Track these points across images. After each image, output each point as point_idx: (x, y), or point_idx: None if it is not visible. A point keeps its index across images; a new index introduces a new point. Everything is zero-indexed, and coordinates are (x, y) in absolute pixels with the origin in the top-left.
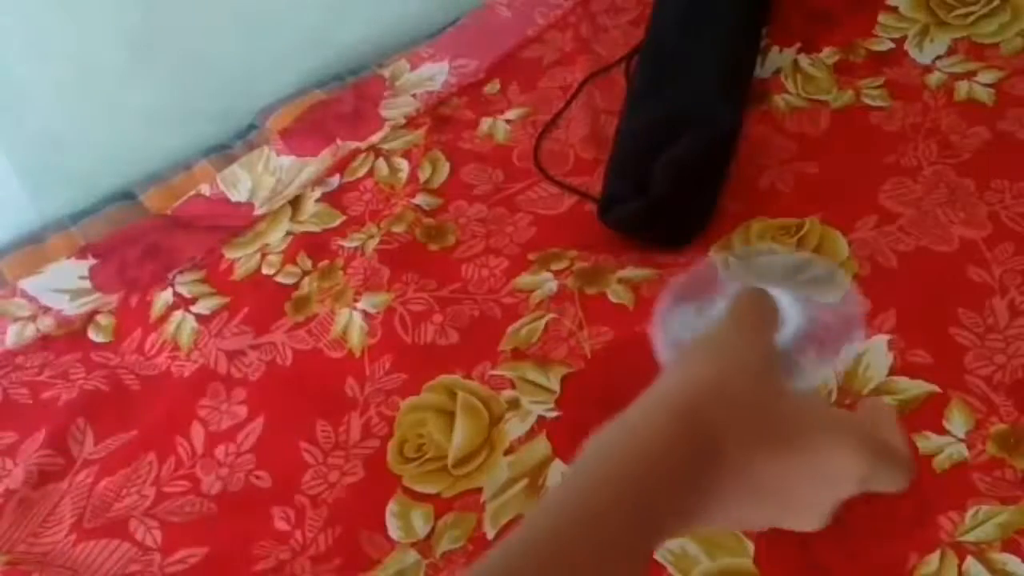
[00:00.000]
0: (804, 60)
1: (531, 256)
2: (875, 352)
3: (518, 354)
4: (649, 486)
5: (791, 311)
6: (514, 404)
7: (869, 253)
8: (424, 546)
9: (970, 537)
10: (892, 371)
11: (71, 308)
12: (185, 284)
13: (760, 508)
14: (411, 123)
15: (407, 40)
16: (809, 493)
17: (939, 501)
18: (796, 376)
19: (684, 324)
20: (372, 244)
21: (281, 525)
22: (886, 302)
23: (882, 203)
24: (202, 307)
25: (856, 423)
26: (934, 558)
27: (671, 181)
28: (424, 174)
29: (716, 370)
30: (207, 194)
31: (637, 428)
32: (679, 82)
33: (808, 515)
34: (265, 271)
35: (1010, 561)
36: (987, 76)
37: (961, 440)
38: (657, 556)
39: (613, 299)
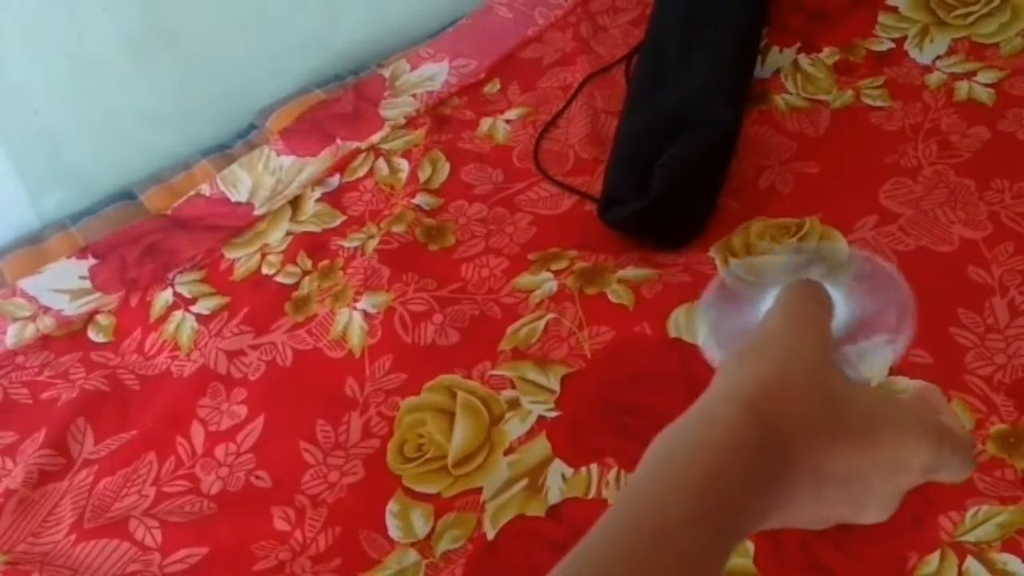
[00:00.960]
0: (804, 60)
1: (531, 256)
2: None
3: (518, 354)
4: (722, 490)
5: (838, 302)
6: (514, 404)
7: (869, 253)
8: (424, 546)
9: (970, 537)
10: (892, 371)
11: (71, 308)
12: (185, 284)
13: (833, 505)
14: (411, 123)
15: (407, 40)
16: (879, 486)
17: (939, 501)
18: (848, 367)
19: (731, 320)
20: (372, 244)
21: (281, 525)
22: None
23: (882, 203)
24: (202, 307)
25: (918, 412)
26: (934, 558)
27: (671, 181)
28: (424, 174)
29: (777, 365)
30: (207, 194)
31: (705, 429)
32: (679, 82)
33: (878, 508)
34: (265, 271)
35: (1010, 561)
36: (987, 76)
37: None
38: None
39: (613, 299)
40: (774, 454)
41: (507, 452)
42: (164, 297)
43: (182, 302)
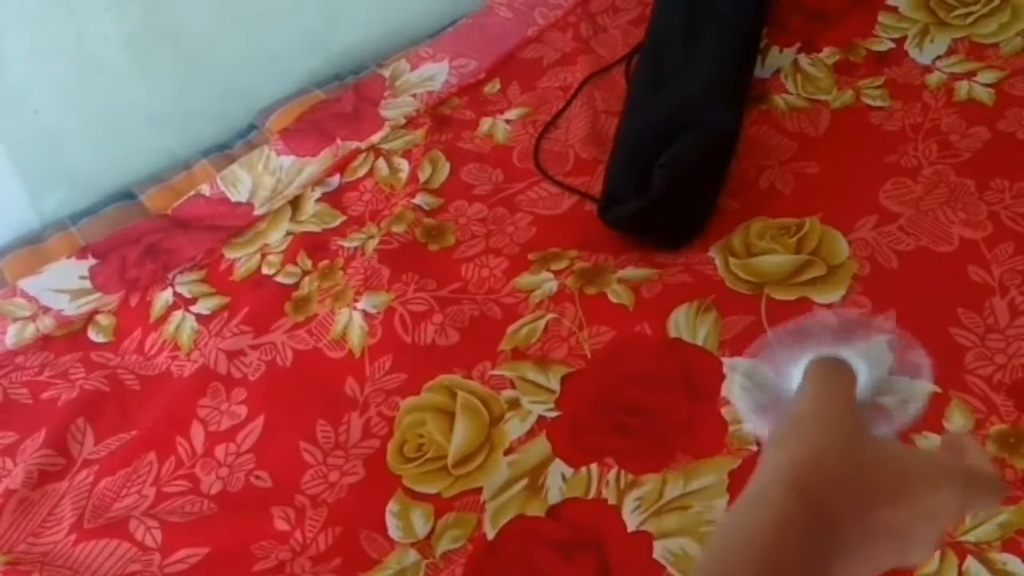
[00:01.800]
0: (804, 60)
1: (531, 256)
2: None
3: (518, 354)
4: (781, 564)
5: (859, 366)
6: (514, 404)
7: (869, 253)
8: (424, 546)
9: (970, 537)
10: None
11: (71, 308)
12: (185, 284)
13: (880, 558)
14: (411, 123)
15: (407, 40)
16: (919, 533)
17: None
18: (875, 427)
19: (767, 393)
20: (372, 244)
21: (281, 525)
22: (886, 302)
23: (882, 203)
24: (202, 307)
25: (946, 461)
26: (934, 558)
27: (671, 181)
28: (424, 174)
29: (812, 447)
30: (207, 194)
31: (759, 511)
32: (679, 82)
33: (921, 551)
34: (265, 271)
35: (1010, 561)
36: (987, 76)
37: None
38: (657, 556)
39: (613, 299)
40: (822, 527)
41: (507, 452)
42: (164, 297)
43: (182, 302)
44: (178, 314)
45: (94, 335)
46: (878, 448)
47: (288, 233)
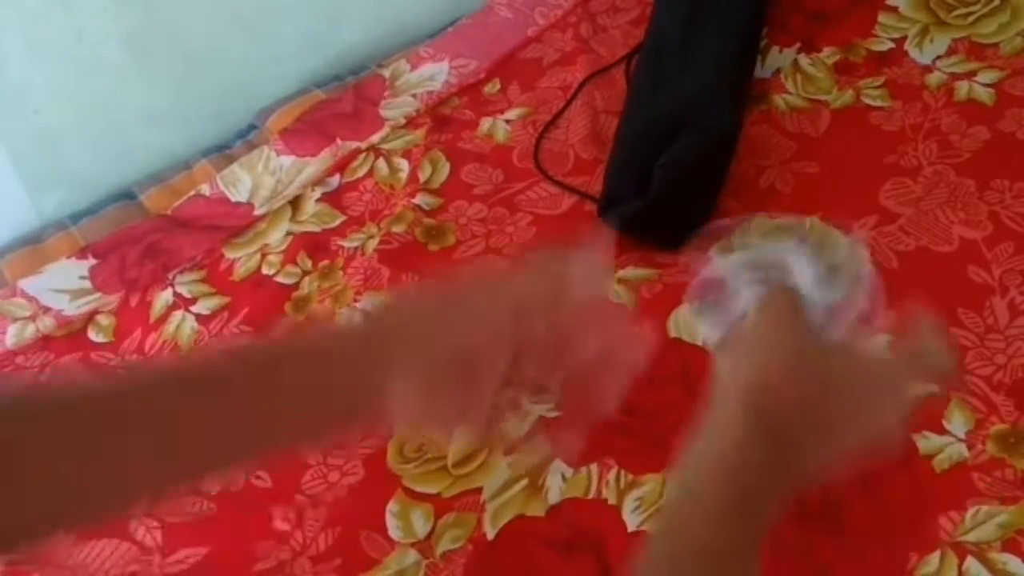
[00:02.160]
0: (804, 60)
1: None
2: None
3: None
4: (747, 479)
5: (799, 264)
6: (514, 404)
7: (869, 253)
8: (424, 546)
9: (970, 537)
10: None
11: (71, 308)
12: (185, 284)
13: (842, 439)
14: (411, 123)
15: (407, 40)
16: (873, 401)
17: (939, 501)
18: (828, 322)
19: (719, 310)
20: (372, 244)
21: (281, 525)
22: (886, 302)
23: (882, 203)
24: (202, 307)
25: (889, 346)
26: (934, 558)
27: (671, 181)
28: (424, 174)
29: (762, 369)
30: (207, 194)
31: (719, 439)
32: (679, 82)
33: (888, 413)
34: (265, 271)
35: (1010, 561)
36: (987, 76)
37: (961, 440)
38: None
39: (613, 299)
40: (779, 437)
41: (507, 452)
42: (164, 297)
43: (182, 302)
44: (178, 314)
45: (94, 335)
46: (825, 353)
47: (288, 233)
